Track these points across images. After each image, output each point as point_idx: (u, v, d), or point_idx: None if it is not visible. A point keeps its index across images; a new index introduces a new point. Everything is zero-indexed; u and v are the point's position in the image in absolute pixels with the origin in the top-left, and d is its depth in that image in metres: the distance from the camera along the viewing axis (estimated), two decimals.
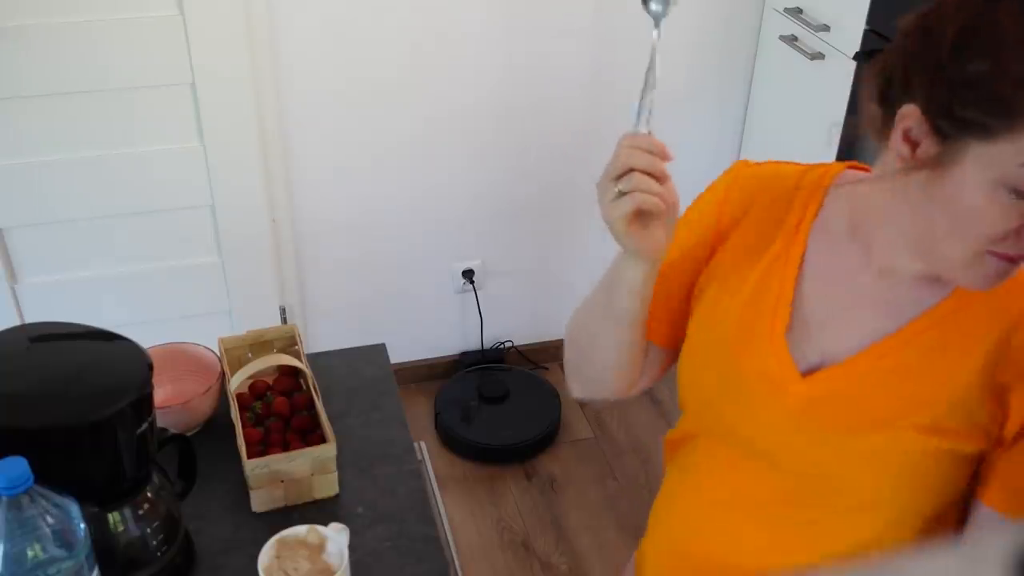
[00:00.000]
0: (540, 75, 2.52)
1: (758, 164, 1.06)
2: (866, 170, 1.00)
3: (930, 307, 0.92)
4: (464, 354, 2.94)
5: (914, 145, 0.83)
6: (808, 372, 0.96)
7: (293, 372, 1.55)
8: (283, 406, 1.47)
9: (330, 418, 1.41)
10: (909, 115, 0.83)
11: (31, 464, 0.97)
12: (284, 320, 2.63)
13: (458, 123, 2.53)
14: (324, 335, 2.71)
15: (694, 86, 2.63)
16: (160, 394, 1.37)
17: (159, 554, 1.20)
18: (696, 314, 1.04)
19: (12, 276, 2.37)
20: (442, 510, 1.58)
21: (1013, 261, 0.84)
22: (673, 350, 1.10)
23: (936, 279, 0.91)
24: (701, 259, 1.04)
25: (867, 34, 2.11)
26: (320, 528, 1.22)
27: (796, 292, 0.98)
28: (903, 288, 0.93)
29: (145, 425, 1.14)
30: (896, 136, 0.84)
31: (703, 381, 1.04)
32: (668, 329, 1.09)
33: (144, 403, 1.13)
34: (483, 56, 2.45)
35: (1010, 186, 0.79)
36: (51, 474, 1.01)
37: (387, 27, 2.34)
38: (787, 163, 1.06)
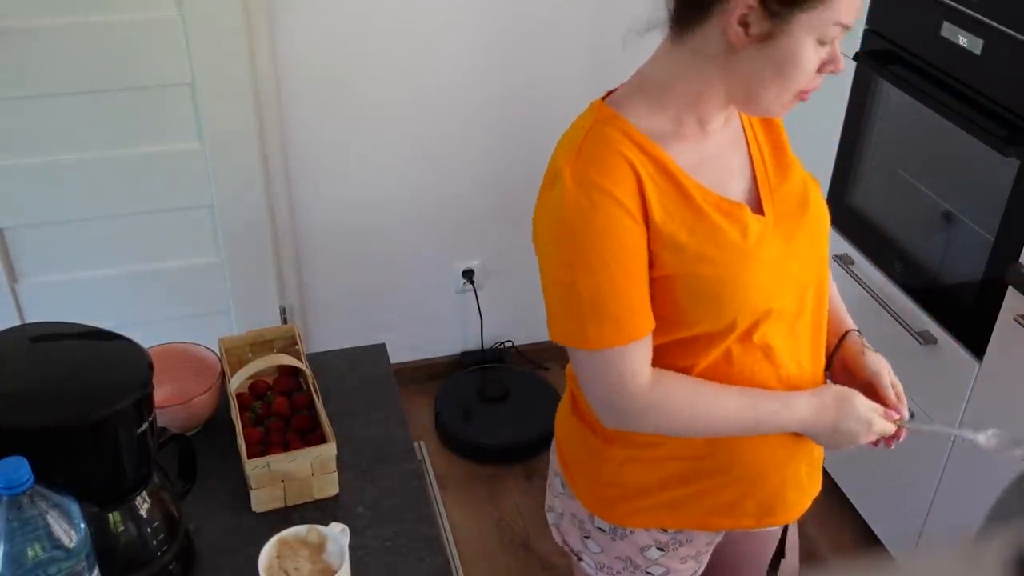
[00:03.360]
0: (541, 75, 2.52)
1: (588, 161, 1.13)
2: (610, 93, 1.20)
3: (740, 132, 1.22)
4: (464, 354, 2.94)
5: (746, 27, 1.04)
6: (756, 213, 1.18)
7: (293, 372, 1.55)
8: (283, 406, 1.47)
9: (330, 418, 1.41)
10: (741, 3, 1.03)
11: (31, 464, 0.97)
12: (284, 320, 2.63)
13: (458, 123, 2.53)
14: (324, 335, 2.71)
15: None
16: (160, 394, 1.37)
17: (159, 554, 1.20)
18: (678, 265, 1.13)
19: (12, 276, 2.37)
20: (442, 510, 1.58)
21: (803, 97, 1.12)
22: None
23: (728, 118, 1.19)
24: (644, 251, 1.13)
25: (867, 34, 2.11)
26: (320, 528, 1.22)
27: (697, 181, 1.14)
28: (728, 131, 1.20)
29: (145, 425, 1.14)
30: (729, 22, 1.05)
31: (736, 296, 1.15)
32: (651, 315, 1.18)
33: (144, 403, 1.14)
34: (483, 56, 2.45)
35: (822, 39, 1.06)
36: (51, 474, 1.01)
37: (387, 27, 2.34)
38: (573, 142, 1.15)
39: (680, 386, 1.18)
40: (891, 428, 1.25)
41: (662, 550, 1.34)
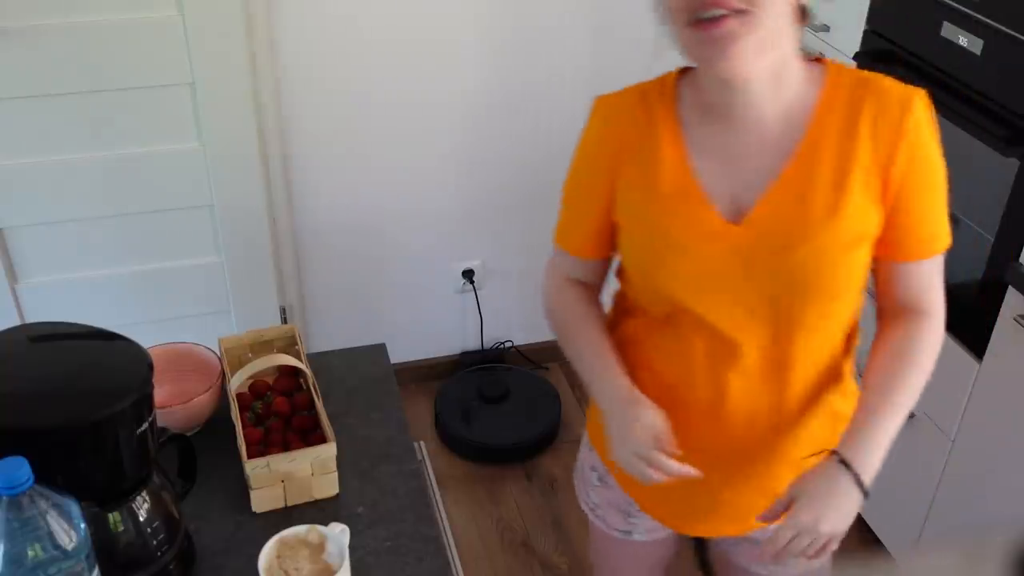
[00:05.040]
0: (540, 74, 2.52)
1: (614, 94, 1.23)
2: None
3: (798, 140, 1.12)
4: (464, 354, 2.94)
5: None
6: (733, 221, 1.13)
7: (293, 372, 1.55)
8: (283, 406, 1.47)
9: (330, 418, 1.41)
10: None
11: (31, 464, 0.97)
12: (284, 320, 2.63)
13: (458, 123, 2.53)
14: (324, 335, 2.71)
15: None
16: (160, 394, 1.37)
17: (159, 554, 1.20)
18: (627, 220, 1.22)
19: (12, 276, 2.37)
20: (442, 510, 1.58)
21: (704, 28, 1.01)
22: (605, 259, 1.33)
23: (788, 117, 1.11)
24: (605, 185, 1.22)
25: (867, 34, 2.11)
26: (320, 528, 1.22)
27: (691, 165, 1.16)
28: (769, 132, 1.12)
29: (145, 425, 1.14)
30: None
31: (663, 267, 1.18)
32: (596, 245, 1.29)
33: (144, 403, 1.14)
34: (483, 55, 2.45)
35: None
36: (51, 474, 1.01)
37: (386, 27, 2.34)
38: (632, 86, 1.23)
39: (563, 307, 1.37)
40: (656, 462, 1.13)
41: (600, 482, 1.44)
